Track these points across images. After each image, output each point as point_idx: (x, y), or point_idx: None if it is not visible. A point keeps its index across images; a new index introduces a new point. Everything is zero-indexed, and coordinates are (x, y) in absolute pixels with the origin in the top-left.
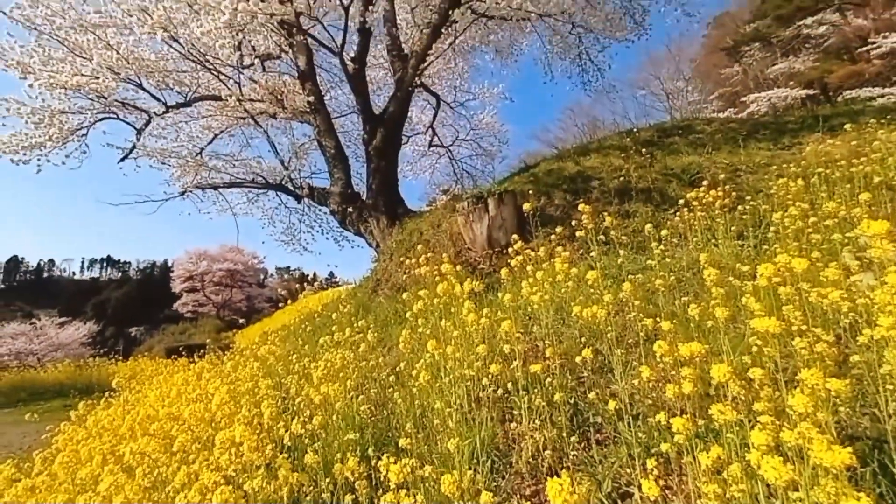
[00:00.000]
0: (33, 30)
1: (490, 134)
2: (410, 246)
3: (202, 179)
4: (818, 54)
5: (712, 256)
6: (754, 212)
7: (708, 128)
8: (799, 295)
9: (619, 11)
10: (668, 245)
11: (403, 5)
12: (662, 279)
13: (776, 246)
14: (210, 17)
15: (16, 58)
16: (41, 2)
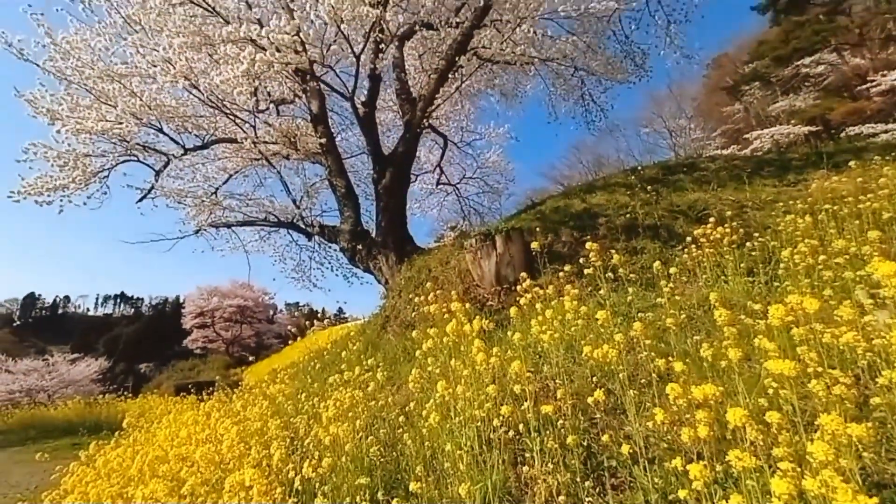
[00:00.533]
0: (64, 80)
1: (496, 172)
2: (419, 283)
3: (216, 218)
4: (818, 92)
5: (723, 293)
6: (763, 248)
7: (712, 165)
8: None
9: (619, 55)
10: (677, 282)
11: (412, 52)
12: (673, 317)
13: (787, 283)
14: (229, 66)
15: (46, 105)
16: (72, 54)
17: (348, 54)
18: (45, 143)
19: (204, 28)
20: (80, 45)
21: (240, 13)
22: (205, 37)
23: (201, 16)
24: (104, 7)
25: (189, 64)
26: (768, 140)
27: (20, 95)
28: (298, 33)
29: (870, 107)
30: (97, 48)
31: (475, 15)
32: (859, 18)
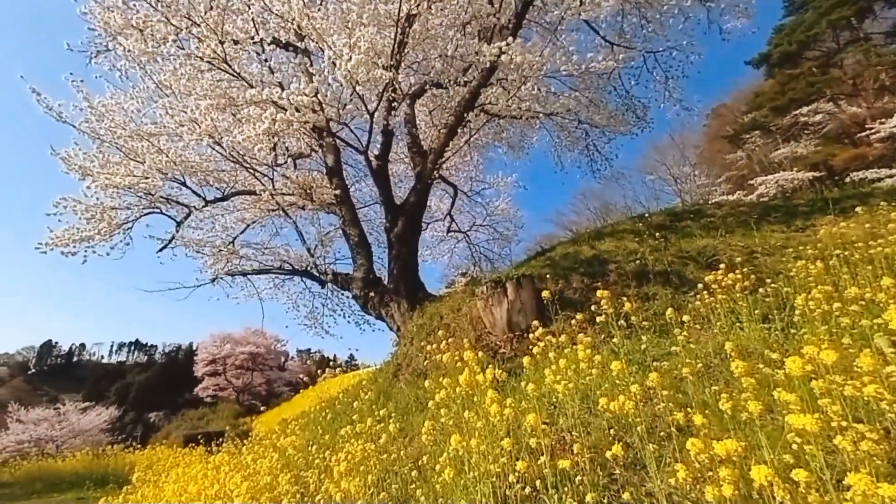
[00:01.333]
0: (97, 139)
1: (506, 219)
2: (431, 330)
3: (233, 266)
4: (819, 139)
5: (739, 341)
6: (777, 294)
7: (719, 211)
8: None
9: (620, 108)
10: (691, 329)
11: (422, 108)
12: (689, 366)
13: (804, 330)
14: (251, 125)
15: (79, 163)
16: (107, 116)
17: (362, 112)
18: (75, 198)
19: (229, 91)
20: (115, 107)
21: (262, 77)
22: (230, 99)
23: (227, 80)
24: (139, 74)
25: (214, 123)
26: (773, 186)
27: (56, 154)
28: (317, 95)
29: (871, 152)
30: (130, 110)
31: (482, 75)
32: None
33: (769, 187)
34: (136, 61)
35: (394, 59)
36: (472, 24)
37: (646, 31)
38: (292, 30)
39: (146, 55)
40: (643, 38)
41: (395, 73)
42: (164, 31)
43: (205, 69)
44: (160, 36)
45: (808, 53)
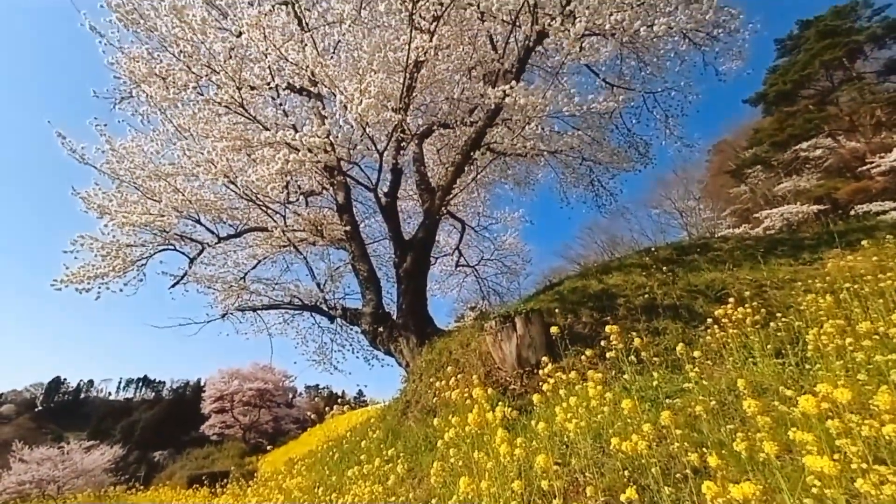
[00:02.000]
0: (116, 179)
1: (513, 254)
2: (440, 366)
3: (243, 302)
4: (821, 173)
5: (752, 377)
6: (788, 328)
7: (725, 245)
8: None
9: (623, 146)
10: (703, 365)
11: (430, 147)
12: (703, 404)
13: (818, 365)
14: (265, 165)
15: (98, 202)
16: (127, 157)
17: (372, 152)
18: (92, 235)
19: (245, 133)
20: (135, 149)
21: (277, 120)
22: (245, 140)
23: (243, 123)
24: (159, 118)
25: (229, 163)
26: (778, 219)
27: (76, 193)
28: (328, 136)
29: (874, 185)
30: (149, 152)
31: (487, 116)
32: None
33: (774, 220)
34: (157, 107)
35: (402, 102)
36: (477, 69)
37: (644, 73)
38: (306, 76)
39: (167, 101)
40: (642, 80)
41: (404, 115)
42: (186, 78)
43: (222, 113)
44: (181, 83)
45: (804, 92)
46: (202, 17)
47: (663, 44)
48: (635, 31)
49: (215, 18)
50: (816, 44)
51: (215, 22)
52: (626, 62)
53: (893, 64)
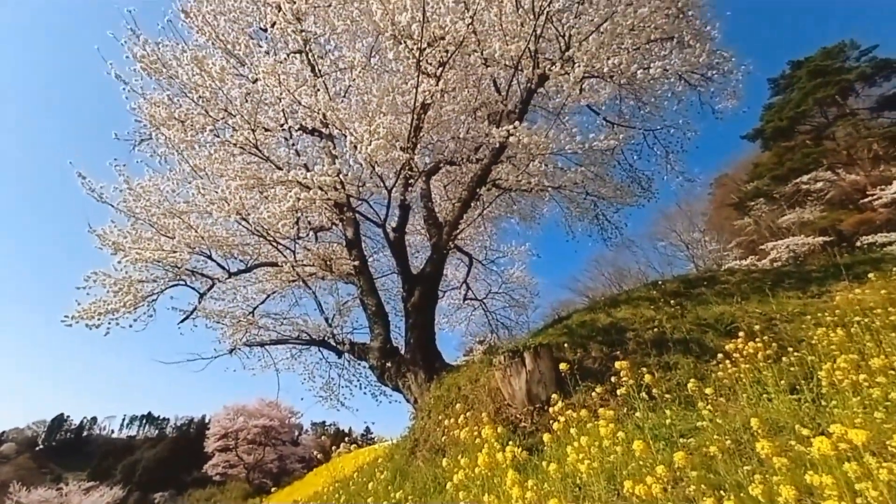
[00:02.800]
0: (132, 216)
1: (521, 287)
2: (449, 402)
3: (251, 337)
4: (823, 205)
5: (768, 414)
6: (801, 363)
7: (732, 278)
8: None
9: (626, 181)
10: (716, 402)
11: (437, 183)
12: (718, 443)
13: (834, 402)
14: (277, 203)
15: (113, 239)
16: (143, 196)
17: (381, 189)
18: (105, 272)
19: (258, 173)
20: (151, 188)
21: (289, 159)
22: (258, 179)
23: (257, 163)
24: (176, 158)
25: (242, 201)
26: (784, 251)
27: (93, 231)
28: (338, 175)
29: (877, 217)
30: (165, 190)
31: (492, 154)
32: (844, 142)
33: (781, 252)
34: (175, 148)
35: (410, 141)
36: (481, 110)
37: (643, 112)
38: (318, 118)
39: (185, 143)
40: (641, 118)
41: (412, 153)
42: (203, 121)
43: (237, 153)
44: (199, 126)
45: (800, 128)
46: (221, 65)
47: (660, 85)
48: (632, 73)
49: (233, 66)
50: (808, 83)
51: (233, 69)
52: (625, 102)
53: (885, 100)
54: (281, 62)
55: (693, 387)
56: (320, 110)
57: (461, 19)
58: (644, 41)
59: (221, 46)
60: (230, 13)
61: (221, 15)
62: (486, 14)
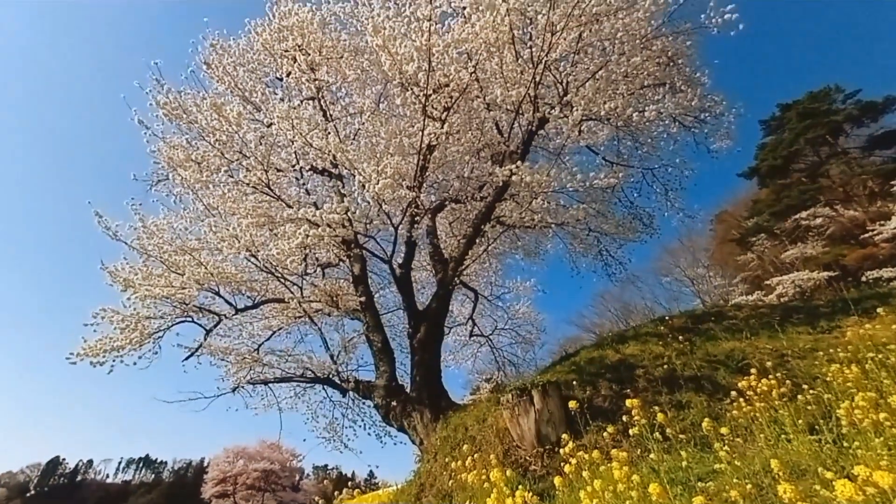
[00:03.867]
0: (144, 254)
1: (527, 323)
2: (455, 444)
3: (255, 375)
4: (825, 240)
5: (787, 455)
6: (818, 401)
7: (740, 314)
8: None
9: (627, 217)
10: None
11: (443, 220)
12: (738, 488)
13: (856, 443)
14: (286, 240)
15: (124, 276)
16: (157, 234)
17: (388, 226)
18: (114, 308)
19: (269, 211)
20: (165, 226)
21: (299, 198)
22: (269, 217)
23: (268, 201)
24: (191, 198)
25: (252, 238)
26: (790, 286)
27: (104, 268)
28: (347, 212)
29: (881, 252)
30: (178, 228)
31: (496, 192)
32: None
33: (787, 287)
34: (190, 188)
35: (416, 180)
36: (484, 151)
37: (640, 151)
38: (328, 159)
39: (200, 183)
40: (639, 158)
41: (418, 192)
42: (219, 162)
43: (249, 192)
44: (214, 167)
45: (794, 166)
46: (238, 111)
47: (655, 127)
48: (628, 116)
49: (249, 112)
50: (799, 123)
51: (249, 115)
52: (623, 142)
53: (875, 140)
54: (295, 108)
55: (708, 427)
56: (331, 152)
57: (464, 68)
58: (638, 87)
59: (239, 94)
60: (249, 64)
61: (241, 66)
62: (487, 63)
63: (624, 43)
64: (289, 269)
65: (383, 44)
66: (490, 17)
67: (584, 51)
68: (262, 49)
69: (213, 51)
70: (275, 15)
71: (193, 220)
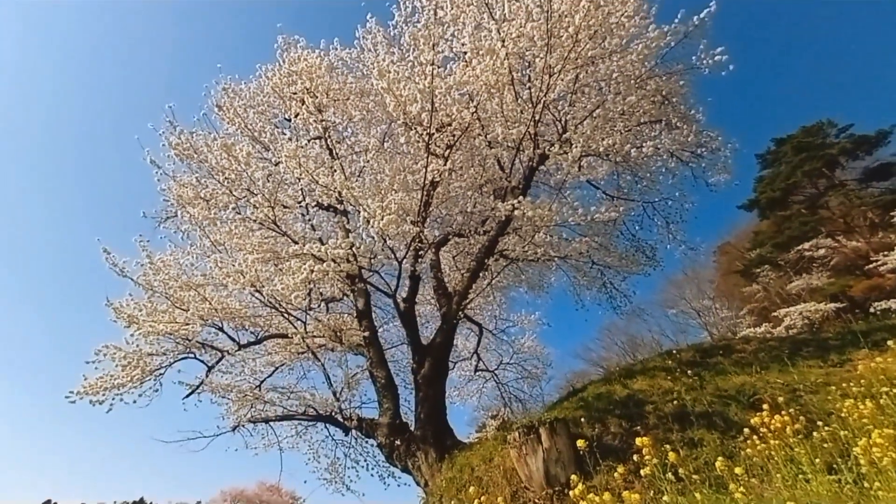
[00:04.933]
0: (150, 290)
1: (533, 357)
2: (461, 485)
3: (256, 413)
4: (829, 271)
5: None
6: (834, 438)
7: (748, 347)
8: None
9: (630, 250)
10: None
11: (446, 254)
12: None
13: (877, 483)
14: (291, 275)
15: (128, 312)
16: (163, 270)
17: (392, 260)
18: (116, 345)
19: (274, 246)
20: (172, 262)
21: (305, 234)
22: (274, 253)
23: (274, 237)
24: (198, 234)
25: (257, 274)
26: (798, 318)
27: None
28: (351, 248)
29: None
30: (184, 264)
31: (498, 226)
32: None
33: (794, 319)
34: (198, 224)
35: (420, 216)
36: (487, 186)
37: (640, 185)
38: (334, 196)
39: (208, 219)
40: (639, 192)
41: (422, 227)
42: (227, 200)
43: (255, 229)
44: (222, 204)
45: (793, 198)
46: (248, 151)
47: (653, 162)
48: (626, 152)
49: (258, 151)
50: (795, 157)
51: (258, 154)
52: (623, 177)
53: (871, 172)
54: (302, 147)
55: (722, 466)
56: (336, 189)
57: (466, 108)
58: (635, 124)
59: (249, 134)
60: (259, 106)
61: (251, 108)
62: (488, 104)
63: (619, 83)
64: (293, 304)
65: (388, 86)
66: (490, 61)
67: (581, 91)
68: (271, 92)
69: (224, 94)
70: (285, 60)
71: (200, 256)
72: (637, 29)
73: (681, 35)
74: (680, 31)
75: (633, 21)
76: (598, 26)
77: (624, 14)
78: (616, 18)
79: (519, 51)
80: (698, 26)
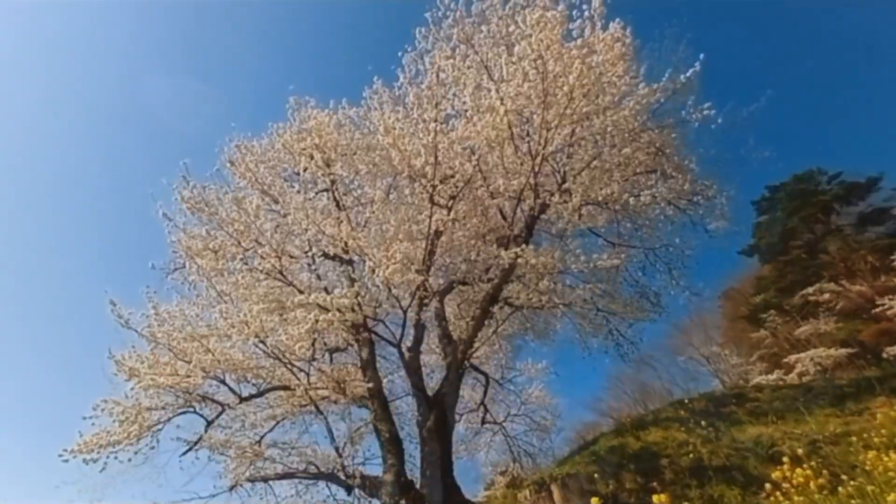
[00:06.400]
0: (153, 342)
1: (542, 408)
2: None
3: (256, 471)
4: (836, 315)
5: None
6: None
7: (761, 395)
8: None
9: (634, 297)
10: None
11: (451, 302)
12: None
13: None
14: (296, 325)
15: (130, 364)
16: (168, 321)
17: (397, 309)
18: (115, 399)
19: (280, 296)
20: (177, 313)
21: (311, 283)
22: (279, 303)
23: (280, 287)
24: (205, 285)
25: (262, 324)
26: (810, 364)
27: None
28: (357, 297)
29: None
30: (189, 315)
31: (502, 274)
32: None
33: (807, 366)
34: (205, 275)
35: (424, 265)
36: (490, 235)
37: (640, 233)
38: (340, 246)
39: (215, 270)
40: (640, 239)
41: (426, 275)
42: (235, 251)
43: (262, 279)
44: (230, 255)
45: (792, 243)
46: (257, 203)
47: (652, 210)
48: (624, 201)
49: (267, 203)
50: (789, 203)
51: (267, 206)
52: (623, 224)
53: (866, 217)
54: (310, 199)
55: None
56: (342, 239)
57: (468, 161)
58: (631, 174)
59: (259, 188)
60: (269, 161)
61: (262, 163)
62: (489, 157)
63: (614, 136)
64: (297, 355)
65: (393, 142)
66: (490, 117)
67: (578, 143)
68: (282, 148)
69: (237, 150)
70: (296, 118)
71: (205, 307)
72: (628, 87)
73: (669, 92)
74: (668, 89)
75: (623, 80)
76: (590, 85)
77: (614, 74)
78: (607, 78)
79: (517, 108)
80: (685, 84)
